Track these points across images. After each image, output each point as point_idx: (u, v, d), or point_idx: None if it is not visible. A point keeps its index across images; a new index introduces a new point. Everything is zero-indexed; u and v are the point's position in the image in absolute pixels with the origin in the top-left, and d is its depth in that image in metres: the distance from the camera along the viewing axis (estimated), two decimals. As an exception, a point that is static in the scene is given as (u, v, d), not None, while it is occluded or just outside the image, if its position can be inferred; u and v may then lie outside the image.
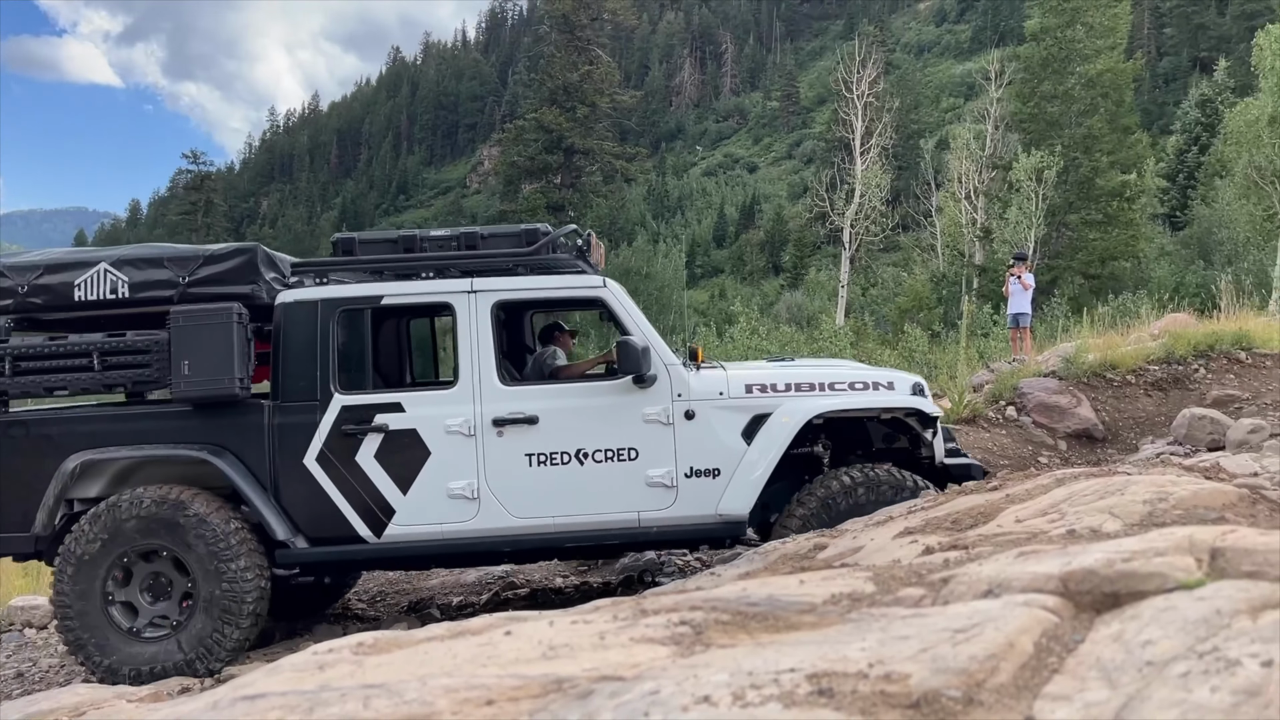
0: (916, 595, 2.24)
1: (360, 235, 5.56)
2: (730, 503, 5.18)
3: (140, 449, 5.15)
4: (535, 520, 5.16)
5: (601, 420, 5.19)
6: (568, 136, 43.69)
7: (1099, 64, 33.65)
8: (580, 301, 5.62)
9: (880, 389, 5.46)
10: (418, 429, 5.13)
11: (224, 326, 5.04)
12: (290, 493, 5.13)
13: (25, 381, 5.11)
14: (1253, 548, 1.95)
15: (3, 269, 5.24)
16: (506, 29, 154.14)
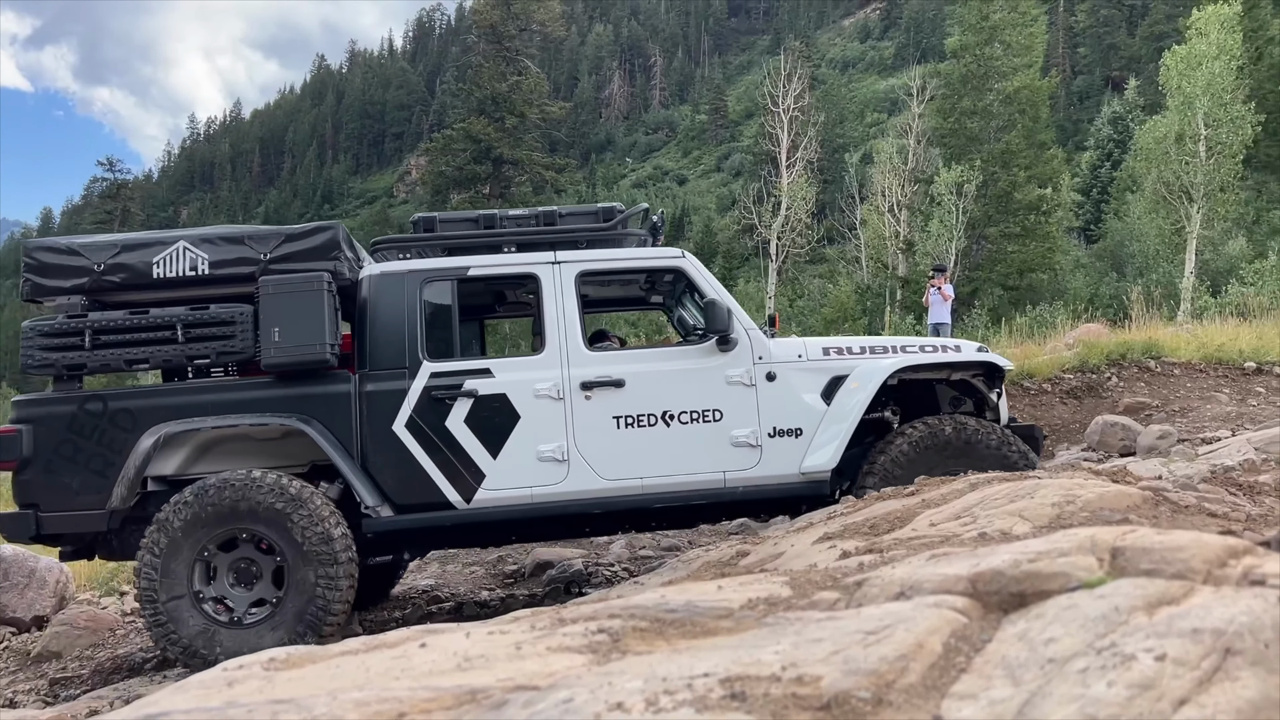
0: (831, 599, 2.26)
1: (440, 214, 5.72)
2: (813, 461, 5.31)
3: (228, 419, 5.07)
4: (624, 482, 5.23)
5: (686, 382, 5.32)
6: (496, 147, 43.42)
7: (1016, 81, 34.62)
8: (659, 271, 5.77)
9: (949, 350, 5.71)
10: (507, 393, 5.22)
11: (315, 293, 5.07)
12: (378, 459, 5.15)
13: (105, 355, 5.08)
14: (1150, 546, 2.01)
15: (77, 248, 5.22)
16: (434, 38, 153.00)
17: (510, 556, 7.96)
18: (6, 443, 5.05)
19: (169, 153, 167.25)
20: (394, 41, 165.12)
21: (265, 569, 5.01)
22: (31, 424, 5.08)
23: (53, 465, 5.05)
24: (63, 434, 5.07)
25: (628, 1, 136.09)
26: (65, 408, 5.10)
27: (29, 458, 5.04)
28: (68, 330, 5.10)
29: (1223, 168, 27.64)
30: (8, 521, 5.15)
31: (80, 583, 8.61)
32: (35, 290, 5.26)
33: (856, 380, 5.40)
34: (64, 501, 5.05)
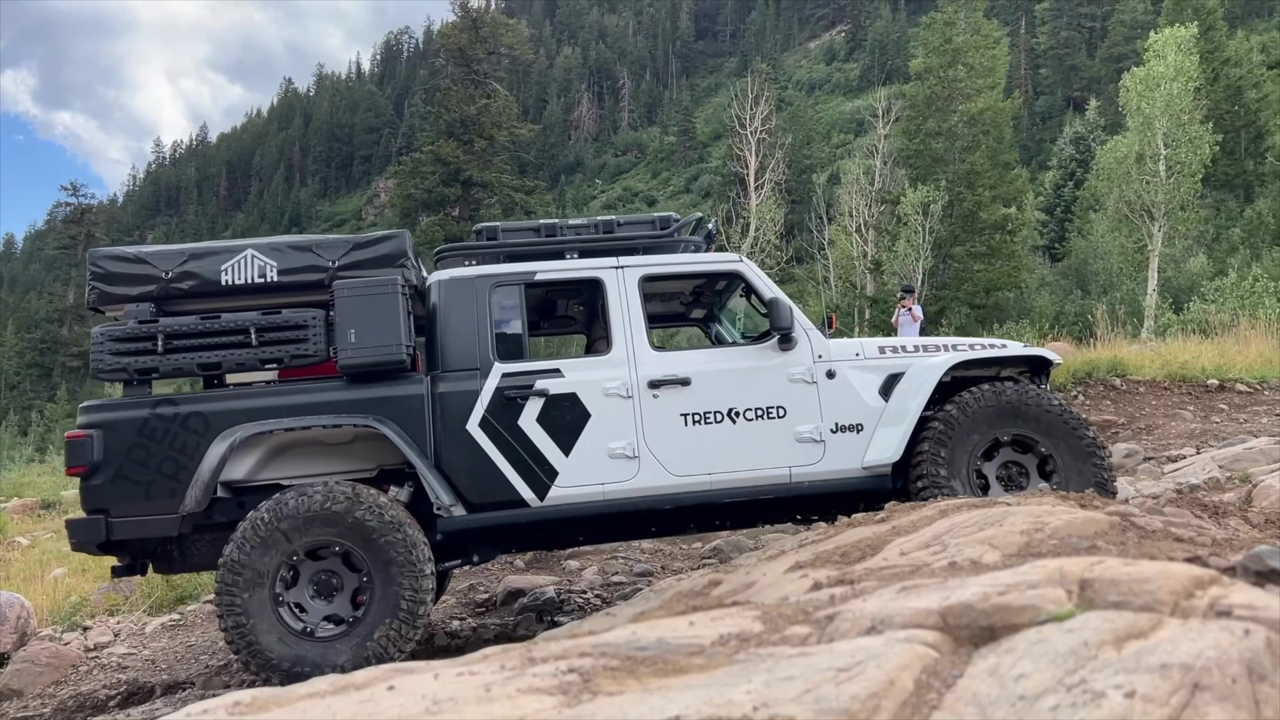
0: (803, 634, 2.25)
1: (502, 225, 5.85)
2: (874, 455, 5.46)
3: (304, 421, 5.06)
4: (693, 478, 5.34)
5: (750, 380, 5.47)
6: (465, 169, 43.40)
7: (980, 102, 35.09)
8: (719, 275, 5.96)
9: (998, 346, 5.88)
10: (577, 392, 5.34)
11: (390, 295, 5.16)
12: (453, 459, 5.22)
13: (177, 359, 5.11)
14: (1118, 578, 2.02)
15: (145, 256, 5.29)
16: (402, 61, 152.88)
17: (482, 584, 7.89)
18: (76, 448, 5.04)
19: (134, 176, 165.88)
20: (361, 64, 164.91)
21: (346, 584, 5.00)
22: (102, 429, 5.06)
23: (123, 470, 5.03)
24: (134, 438, 5.05)
25: (595, 24, 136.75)
26: (136, 412, 5.09)
27: (99, 463, 5.02)
28: (139, 335, 5.12)
29: (1182, 186, 28.12)
30: (78, 527, 5.10)
31: (42, 618, 8.45)
32: (102, 298, 5.30)
33: (914, 376, 5.56)
34: (135, 506, 5.02)
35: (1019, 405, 5.43)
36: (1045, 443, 5.43)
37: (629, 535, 6.04)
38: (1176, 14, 40.08)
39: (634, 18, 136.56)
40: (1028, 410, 5.43)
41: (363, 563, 4.89)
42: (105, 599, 8.87)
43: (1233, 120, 41.33)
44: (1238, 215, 38.13)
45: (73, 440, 5.07)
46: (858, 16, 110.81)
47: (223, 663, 6.64)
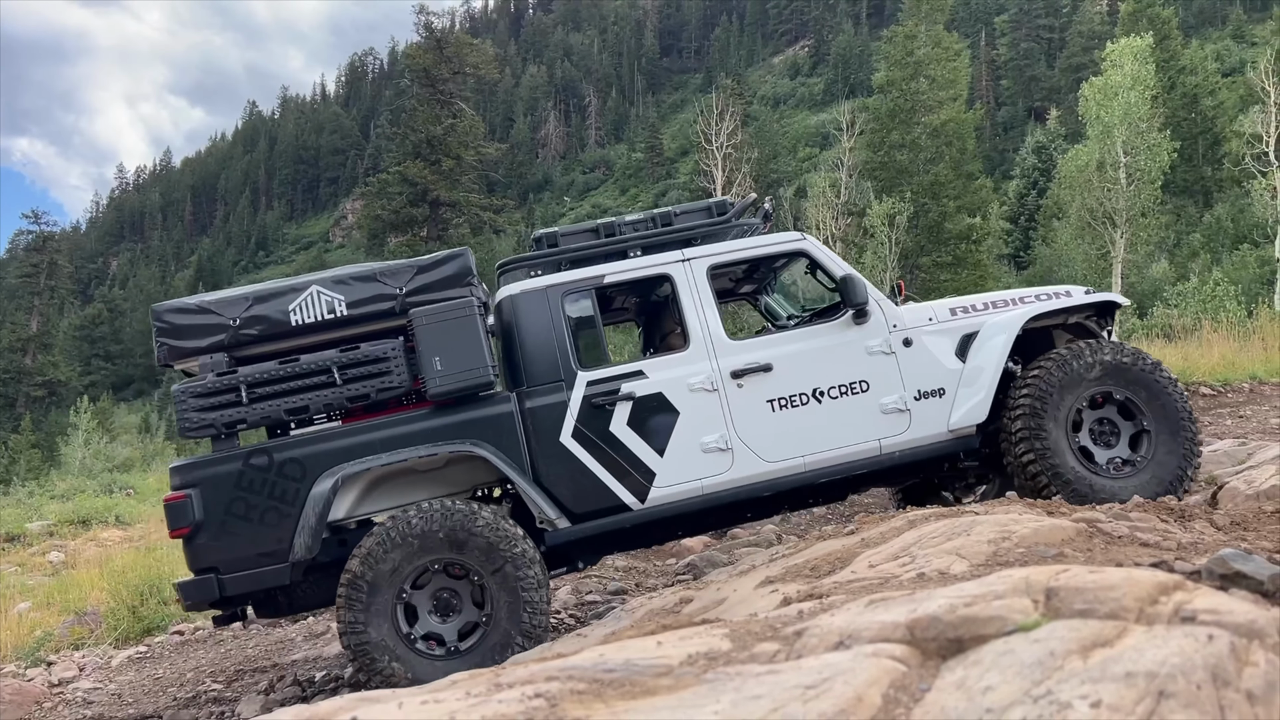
0: (771, 650, 2.23)
1: (560, 229, 5.79)
2: (959, 418, 5.51)
3: (400, 454, 5.03)
4: (787, 462, 5.35)
5: (830, 358, 5.48)
6: (433, 189, 43.26)
7: (942, 114, 35.48)
8: (785, 255, 5.90)
9: (1061, 297, 5.85)
10: (663, 391, 5.33)
11: (469, 318, 5.16)
12: (550, 473, 5.22)
13: (263, 408, 5.06)
14: (1083, 586, 2.02)
15: (208, 306, 5.21)
16: (367, 82, 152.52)
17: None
18: (177, 510, 4.99)
19: (97, 203, 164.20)
20: (326, 86, 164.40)
21: (464, 595, 4.96)
22: (199, 487, 5.01)
23: (226, 526, 4.99)
24: (232, 493, 5.01)
25: (560, 43, 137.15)
26: (230, 466, 5.04)
27: (201, 522, 4.99)
28: (221, 388, 5.05)
29: (1143, 193, 28.54)
30: (190, 589, 5.06)
31: (5, 653, 8.28)
32: (171, 354, 5.20)
33: (990, 335, 5.59)
34: (244, 561, 4.99)
35: (1116, 363, 5.47)
36: (1139, 401, 5.47)
37: (726, 524, 6.01)
38: (1132, 24, 40.75)
39: (599, 36, 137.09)
40: (1124, 368, 5.47)
41: (483, 578, 4.88)
42: (70, 633, 8.70)
43: (1190, 127, 42.06)
44: (1197, 220, 38.77)
45: (172, 503, 5.00)
46: (820, 31, 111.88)
47: (191, 695, 6.53)
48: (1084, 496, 5.22)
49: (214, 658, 7.53)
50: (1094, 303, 5.86)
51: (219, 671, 7.03)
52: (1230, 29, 76.15)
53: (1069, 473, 5.34)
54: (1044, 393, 5.40)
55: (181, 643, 8.16)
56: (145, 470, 31.34)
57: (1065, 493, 5.28)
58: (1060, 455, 5.35)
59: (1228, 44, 71.25)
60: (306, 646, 7.45)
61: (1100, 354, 5.48)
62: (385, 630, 4.75)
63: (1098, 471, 5.41)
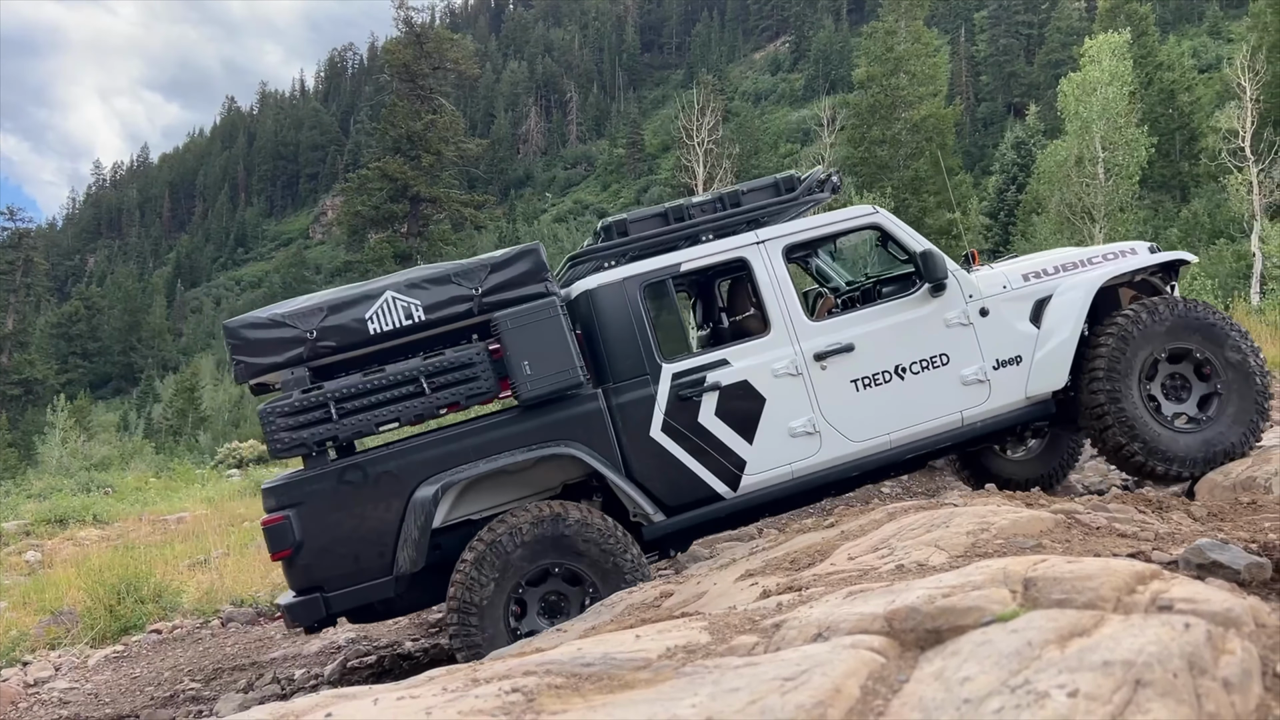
0: (750, 643, 2.22)
1: (630, 215, 5.67)
2: (1036, 384, 5.53)
3: (498, 459, 5.00)
4: (873, 440, 5.37)
5: (910, 334, 5.46)
6: (413, 185, 43.08)
7: (922, 110, 35.62)
8: (858, 230, 5.87)
9: (1128, 255, 5.87)
10: (748, 379, 5.30)
11: (554, 320, 5.09)
12: (643, 468, 5.20)
13: (354, 422, 4.97)
14: (1061, 576, 2.02)
15: (283, 319, 5.08)
16: (346, 78, 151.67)
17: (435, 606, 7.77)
18: (277, 533, 4.92)
19: (73, 199, 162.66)
20: (305, 82, 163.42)
21: (573, 603, 4.93)
22: (296, 507, 4.94)
23: (328, 544, 4.93)
24: (330, 510, 4.95)
25: (541, 39, 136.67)
26: (325, 484, 4.97)
27: (301, 541, 4.91)
28: (310, 405, 4.96)
29: (1121, 188, 28.73)
30: (298, 611, 4.98)
31: (-21, 654, 8.18)
32: (249, 370, 5.09)
33: (1065, 298, 5.58)
34: (348, 577, 4.94)
35: (1193, 319, 5.53)
36: (1212, 356, 5.53)
37: (810, 502, 5.98)
38: (1110, 20, 41.00)
39: (580, 31, 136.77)
40: (1198, 323, 5.53)
41: (588, 578, 4.88)
42: (46, 632, 8.60)
43: (1167, 123, 42.34)
44: (1175, 215, 39.03)
45: (272, 526, 4.92)
46: (801, 28, 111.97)
47: (169, 694, 6.47)
48: (1156, 451, 5.40)
49: (192, 656, 7.46)
50: (1165, 262, 5.90)
51: (197, 670, 6.97)
52: (1207, 25, 76.70)
53: (1147, 432, 5.43)
54: (1118, 351, 5.45)
55: (159, 641, 8.09)
56: (123, 469, 31.10)
57: (1141, 450, 5.40)
58: (1137, 413, 5.42)
59: (1204, 40, 71.77)
60: (286, 644, 7.40)
61: (1174, 309, 5.54)
62: (499, 638, 4.74)
63: (1169, 426, 5.50)
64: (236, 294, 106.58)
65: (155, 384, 73.20)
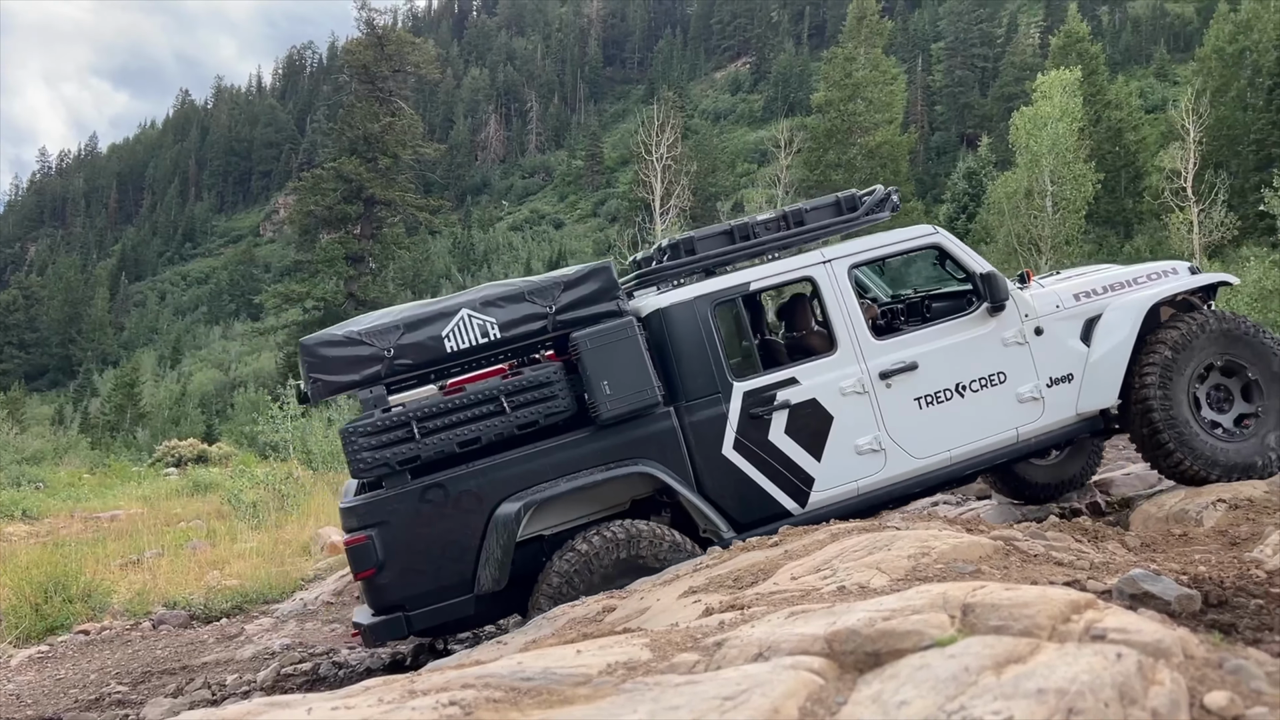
0: (691, 661, 2.22)
1: (696, 234, 5.74)
2: (1087, 401, 5.70)
3: (578, 478, 5.03)
4: (935, 457, 5.48)
5: (971, 352, 5.58)
6: (368, 187, 42.74)
7: (878, 136, 36.18)
8: (919, 249, 5.92)
9: (1170, 275, 6.05)
10: (817, 397, 5.39)
11: (632, 340, 5.16)
12: (715, 485, 5.27)
13: (436, 441, 4.98)
14: (999, 603, 2.05)
15: (359, 336, 5.09)
16: (305, 76, 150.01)
17: (373, 612, 7.67)
18: (361, 553, 4.93)
19: (16, 186, 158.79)
20: (262, 78, 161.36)
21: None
22: (379, 527, 4.94)
23: (410, 563, 4.94)
24: (412, 529, 4.96)
25: (504, 47, 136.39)
26: (407, 503, 4.98)
27: (383, 561, 4.92)
28: (392, 424, 4.95)
29: (1067, 222, 29.39)
30: (380, 630, 4.97)
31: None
32: (326, 389, 5.08)
33: (1116, 319, 5.75)
34: (429, 596, 4.94)
35: (1236, 332, 5.71)
36: (1254, 367, 5.72)
37: (871, 514, 6.01)
38: (1062, 58, 41.92)
39: (542, 42, 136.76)
40: (1245, 337, 5.72)
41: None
42: (-33, 631, 8.35)
43: (1114, 160, 43.35)
44: (1118, 250, 39.92)
45: (355, 546, 4.94)
46: (762, 49, 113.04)
47: (94, 697, 6.31)
48: (1209, 461, 5.59)
49: (121, 659, 7.28)
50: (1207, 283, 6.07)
51: (125, 673, 6.80)
52: (1154, 67, 78.83)
53: (1196, 441, 5.61)
54: (1170, 363, 5.62)
55: (86, 643, 7.88)
56: (57, 463, 30.34)
57: (1192, 459, 5.59)
58: (1186, 424, 5.61)
59: (1151, 81, 73.73)
60: (219, 649, 7.26)
61: (1219, 322, 5.73)
62: None
63: (1218, 436, 5.70)
64: (183, 289, 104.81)
65: (94, 378, 71.63)
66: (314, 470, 17.79)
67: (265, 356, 61.24)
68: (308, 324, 43.82)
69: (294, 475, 16.21)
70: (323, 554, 10.40)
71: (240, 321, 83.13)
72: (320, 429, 22.36)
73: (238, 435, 33.96)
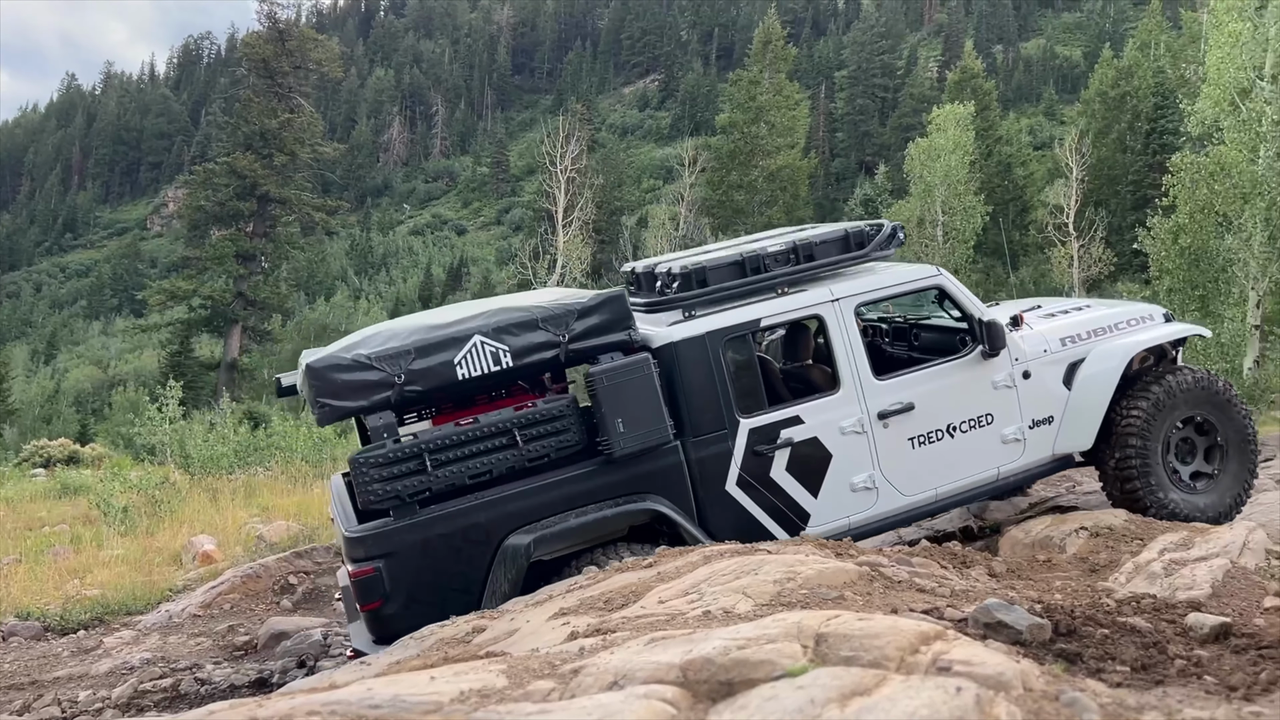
0: (546, 689, 2.18)
1: (709, 261, 5.63)
2: (1064, 443, 5.96)
3: (588, 514, 5.04)
4: (922, 495, 5.66)
5: (963, 394, 5.73)
6: (263, 184, 41.58)
7: (780, 159, 36.86)
8: (923, 290, 6.02)
9: (1148, 322, 6.29)
10: (818, 436, 5.47)
11: (646, 378, 5.13)
12: (717, 519, 5.33)
13: (447, 473, 4.90)
14: (850, 633, 2.06)
15: (368, 361, 4.93)
16: (201, 67, 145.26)
17: (242, 626, 7.40)
18: (369, 585, 4.85)
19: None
20: (156, 67, 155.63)
21: None
22: (386, 559, 4.87)
23: (415, 594, 4.87)
24: (419, 562, 4.90)
25: (411, 49, 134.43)
26: (415, 535, 4.90)
27: (390, 592, 4.86)
28: (403, 455, 4.85)
29: (957, 251, 30.39)
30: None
31: None
32: (333, 414, 4.94)
33: (1098, 366, 5.96)
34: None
35: (1213, 393, 6.01)
36: (1222, 429, 6.05)
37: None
38: (958, 92, 43.45)
39: (451, 46, 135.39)
40: (1219, 399, 6.03)
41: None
42: None
43: (1002, 194, 45.04)
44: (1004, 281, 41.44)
45: (363, 578, 4.84)
46: (671, 67, 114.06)
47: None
48: (1171, 512, 5.86)
49: (-36, 673, 6.86)
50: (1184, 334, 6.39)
51: (-32, 689, 6.41)
52: (1043, 106, 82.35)
53: (1162, 492, 5.91)
54: (1150, 416, 5.88)
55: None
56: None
57: (1157, 508, 5.87)
58: (1158, 475, 5.92)
59: (1040, 120, 76.99)
60: (73, 663, 6.90)
61: (1200, 381, 6.03)
62: None
63: (1180, 487, 6.02)
64: (61, 281, 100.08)
65: (-41, 371, 67.76)
66: (192, 475, 17.10)
67: (147, 355, 58.97)
68: (193, 322, 42.43)
69: (170, 480, 15.59)
70: (194, 564, 10.00)
71: (122, 317, 79.86)
72: (200, 432, 21.59)
73: (114, 436, 32.54)
